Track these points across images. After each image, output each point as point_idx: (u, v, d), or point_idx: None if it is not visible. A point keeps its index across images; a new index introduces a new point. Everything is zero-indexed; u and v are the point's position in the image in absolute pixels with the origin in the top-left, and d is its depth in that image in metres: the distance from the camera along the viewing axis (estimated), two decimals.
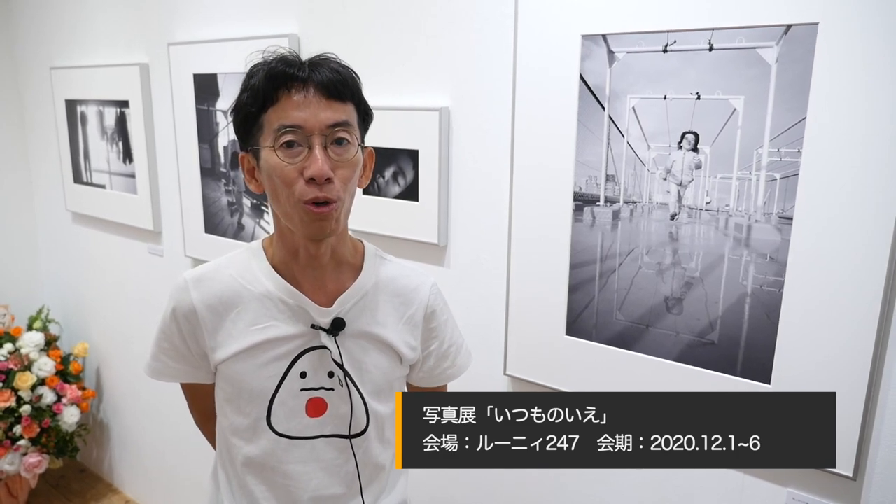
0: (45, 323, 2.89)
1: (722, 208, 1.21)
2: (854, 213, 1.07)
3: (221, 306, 1.06)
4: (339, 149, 0.97)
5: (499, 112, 1.47)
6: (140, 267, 2.57)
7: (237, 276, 1.07)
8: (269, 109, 0.96)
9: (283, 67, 0.95)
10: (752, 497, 1.27)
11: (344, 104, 0.98)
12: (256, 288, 1.06)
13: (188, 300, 1.06)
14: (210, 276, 1.08)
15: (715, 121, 1.18)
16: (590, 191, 1.36)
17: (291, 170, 0.95)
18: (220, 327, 1.06)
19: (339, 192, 0.97)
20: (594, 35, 1.29)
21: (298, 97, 0.94)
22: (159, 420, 2.66)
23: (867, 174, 1.05)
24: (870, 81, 1.03)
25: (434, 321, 1.16)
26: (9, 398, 2.58)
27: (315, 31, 1.80)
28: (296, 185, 0.96)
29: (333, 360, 1.06)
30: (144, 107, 2.33)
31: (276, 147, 0.95)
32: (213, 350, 1.07)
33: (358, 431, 1.10)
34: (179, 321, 1.07)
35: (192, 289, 1.06)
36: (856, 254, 1.08)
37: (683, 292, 1.27)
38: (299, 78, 0.95)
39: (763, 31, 1.11)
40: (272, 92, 0.95)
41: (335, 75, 0.96)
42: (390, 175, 1.66)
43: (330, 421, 1.09)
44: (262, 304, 1.05)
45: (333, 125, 0.96)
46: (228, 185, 2.10)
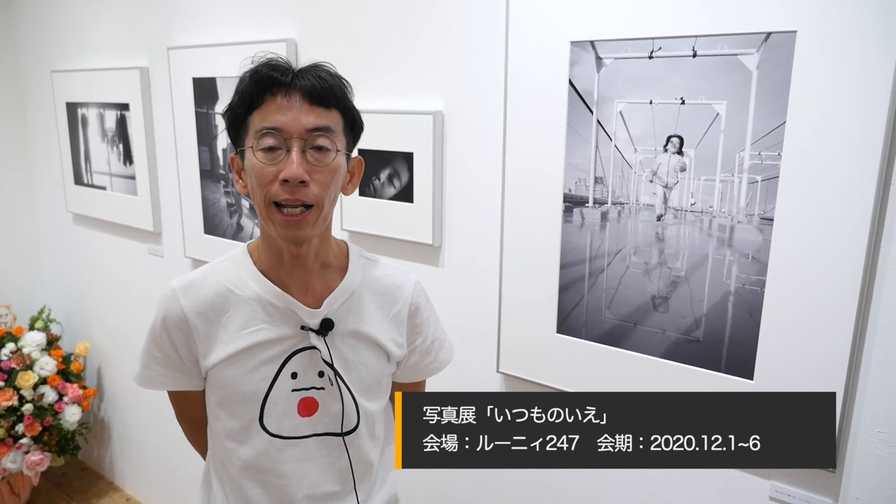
0: (46, 323, 2.92)
1: (706, 209, 1.25)
2: (832, 214, 1.10)
3: (211, 312, 1.07)
4: (319, 154, 0.98)
5: (491, 115, 1.51)
6: (140, 267, 2.61)
7: (225, 282, 1.08)
8: (254, 112, 0.98)
9: (269, 72, 0.97)
10: (738, 489, 1.31)
11: (328, 111, 0.99)
12: (245, 292, 1.07)
13: (178, 308, 1.07)
14: (198, 282, 1.09)
15: (699, 125, 1.22)
16: (579, 192, 1.39)
17: (268, 171, 0.97)
18: (210, 333, 1.07)
19: (318, 196, 0.99)
20: (583, 41, 1.32)
21: (282, 101, 0.96)
22: (160, 418, 2.69)
23: (844, 176, 1.08)
24: (846, 86, 1.06)
25: (418, 317, 1.19)
26: (11, 397, 2.62)
27: (312, 37, 1.84)
28: (271, 186, 0.97)
29: (323, 359, 1.08)
30: (144, 110, 2.36)
31: (255, 149, 0.98)
32: (204, 356, 1.08)
33: (349, 429, 1.13)
34: (170, 329, 1.08)
35: (182, 297, 1.07)
36: (834, 253, 1.11)
37: (669, 291, 1.31)
38: (284, 83, 0.97)
39: (744, 38, 1.14)
40: (257, 95, 0.97)
41: (321, 82, 0.98)
42: (386, 177, 1.69)
43: (321, 420, 1.11)
44: (252, 307, 1.07)
45: (313, 129, 0.97)
46: (227, 186, 2.13)
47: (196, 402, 1.17)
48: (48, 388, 2.70)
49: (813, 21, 1.07)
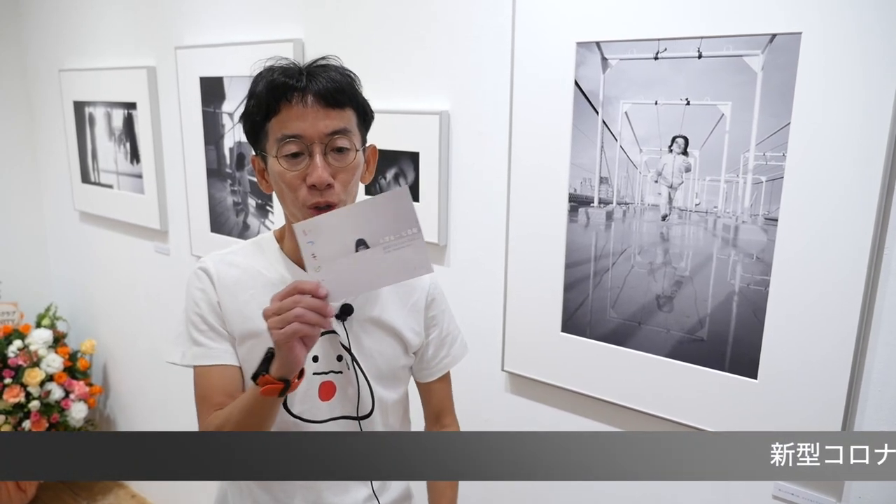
0: (53, 320, 2.94)
1: (710, 210, 1.25)
2: (836, 215, 1.11)
3: (237, 288, 1.11)
4: (339, 155, 1.03)
5: (497, 116, 1.52)
6: (147, 265, 2.62)
7: (253, 262, 1.13)
8: (271, 119, 1.02)
9: (283, 79, 1.00)
10: (741, 488, 1.31)
11: (342, 111, 1.03)
12: (271, 273, 1.11)
13: (209, 285, 1.11)
14: (228, 260, 1.13)
15: (704, 126, 1.23)
16: (584, 192, 1.40)
17: (294, 176, 1.02)
18: (235, 308, 1.10)
19: (340, 195, 1.03)
20: (588, 42, 1.33)
21: (298, 107, 1.00)
22: (165, 415, 2.70)
23: (848, 177, 1.09)
24: (851, 88, 1.07)
25: (434, 309, 1.22)
26: (18, 394, 2.64)
27: (319, 37, 1.85)
28: (299, 191, 1.02)
29: (342, 343, 1.11)
30: (152, 109, 2.38)
31: (279, 156, 1.02)
32: (230, 328, 1.11)
33: (364, 413, 1.15)
34: (210, 298, 1.10)
35: (213, 273, 1.11)
36: (838, 254, 1.12)
37: (674, 291, 1.32)
38: (297, 88, 1.00)
39: (749, 39, 1.15)
40: (274, 103, 1.01)
41: (332, 84, 1.01)
42: (392, 176, 1.71)
43: (339, 403, 1.14)
44: (276, 287, 1.07)
45: (332, 133, 1.01)
46: (234, 185, 2.15)
47: (234, 382, 1.13)
48: (55, 385, 2.72)
49: (818, 22, 1.08)
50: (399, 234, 0.91)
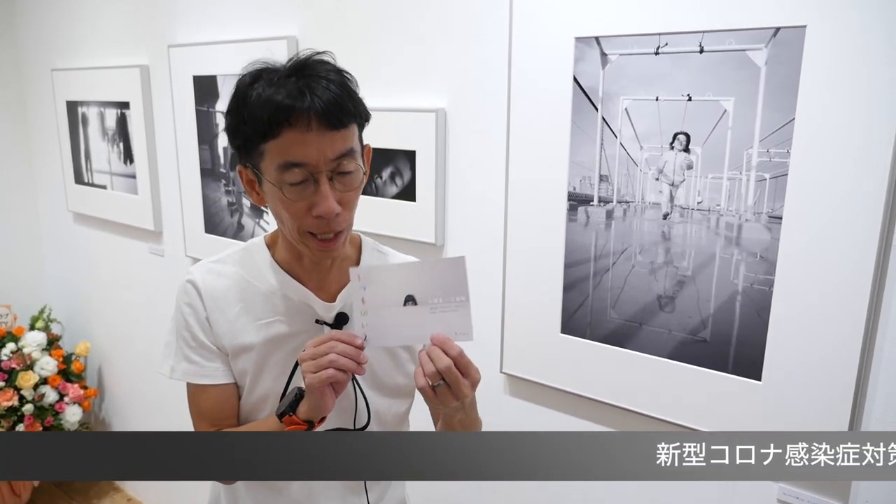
0: (47, 322, 2.92)
1: (713, 208, 1.23)
2: (842, 213, 1.09)
3: (225, 301, 1.07)
4: (345, 178, 0.96)
5: (494, 113, 1.49)
6: (141, 266, 2.60)
7: (242, 272, 1.09)
8: (269, 141, 0.93)
9: (281, 98, 0.91)
10: (746, 490, 1.29)
11: (346, 130, 0.95)
12: (261, 284, 1.07)
13: (197, 300, 1.07)
14: (216, 270, 1.09)
15: (706, 122, 1.20)
16: (584, 191, 1.37)
17: (300, 206, 0.95)
18: (225, 321, 1.07)
19: (349, 220, 1.00)
20: (587, 37, 1.31)
21: (300, 130, 0.91)
22: (160, 418, 2.68)
23: (854, 174, 1.07)
24: (856, 83, 1.04)
25: None
26: (11, 397, 2.61)
27: (314, 34, 1.82)
28: (304, 220, 0.96)
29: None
30: (145, 108, 2.35)
31: (281, 183, 0.94)
32: (220, 342, 1.08)
33: (361, 425, 1.12)
34: (198, 314, 1.07)
35: (201, 286, 1.07)
36: (844, 252, 1.10)
37: (676, 291, 1.29)
38: (300, 109, 0.90)
39: (752, 33, 1.12)
40: (274, 126, 0.91)
41: (334, 98, 0.92)
42: (388, 176, 1.68)
43: (334, 415, 1.09)
44: (267, 299, 1.07)
45: (338, 157, 0.94)
46: (228, 185, 2.12)
47: (231, 399, 1.11)
48: (49, 388, 2.70)
49: (823, 16, 1.06)
50: (448, 299, 0.95)
